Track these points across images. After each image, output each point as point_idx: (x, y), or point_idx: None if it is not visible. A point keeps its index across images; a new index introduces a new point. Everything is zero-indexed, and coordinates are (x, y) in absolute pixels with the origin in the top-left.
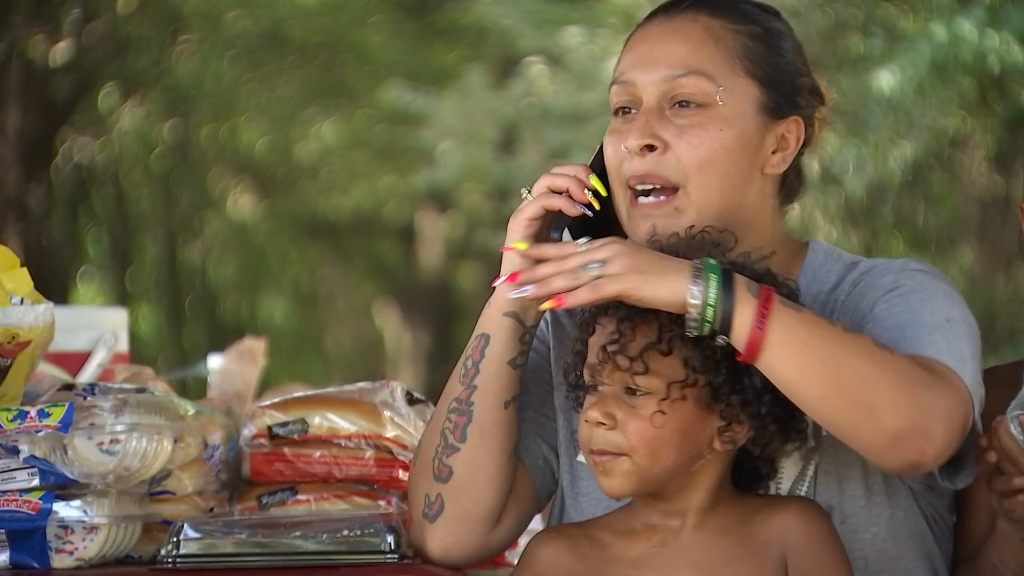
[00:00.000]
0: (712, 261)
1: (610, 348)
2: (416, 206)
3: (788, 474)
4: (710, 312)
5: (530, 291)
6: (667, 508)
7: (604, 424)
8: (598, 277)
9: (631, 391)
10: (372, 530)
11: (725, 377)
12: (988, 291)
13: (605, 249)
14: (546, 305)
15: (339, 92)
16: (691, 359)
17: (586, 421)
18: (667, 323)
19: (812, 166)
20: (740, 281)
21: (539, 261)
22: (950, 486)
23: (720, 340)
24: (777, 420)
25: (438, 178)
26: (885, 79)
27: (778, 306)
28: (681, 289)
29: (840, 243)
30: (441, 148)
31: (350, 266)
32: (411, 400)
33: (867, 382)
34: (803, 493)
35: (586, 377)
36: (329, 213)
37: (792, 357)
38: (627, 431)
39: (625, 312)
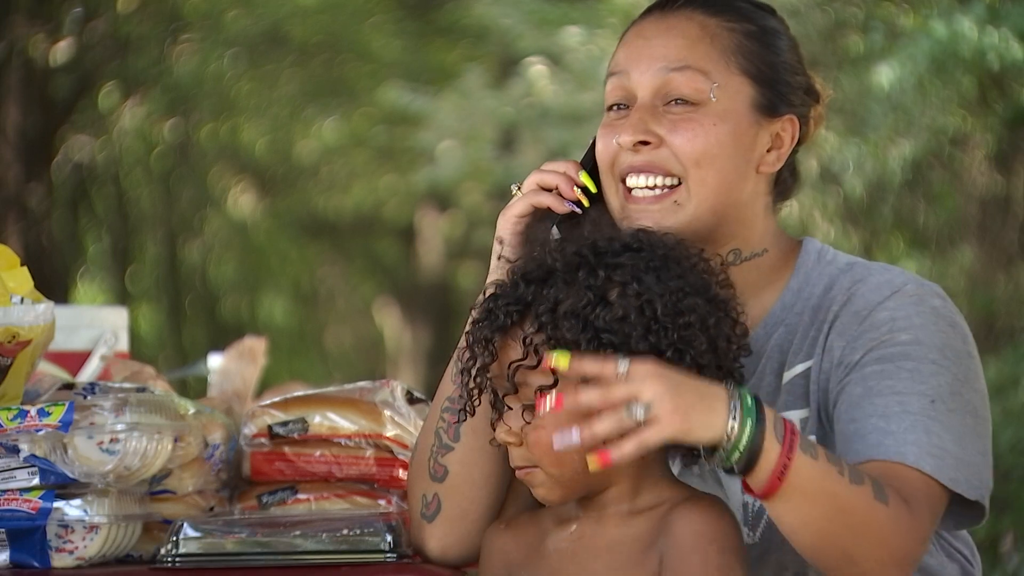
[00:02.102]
0: (747, 393)
1: (488, 374)
2: (416, 206)
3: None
4: (736, 456)
5: (576, 440)
6: (593, 502)
7: (511, 442)
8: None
9: (528, 406)
10: (372, 529)
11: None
12: (988, 291)
13: (649, 387)
14: (593, 466)
15: (339, 92)
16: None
17: (498, 443)
18: (529, 335)
19: (811, 165)
20: (769, 422)
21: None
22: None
23: (735, 474)
24: None
25: (438, 178)
26: (885, 76)
27: (799, 455)
28: (721, 427)
29: (840, 243)
30: (441, 148)
31: (350, 265)
32: (411, 399)
33: (859, 539)
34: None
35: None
36: (329, 213)
37: (799, 508)
38: (529, 444)
39: (487, 335)
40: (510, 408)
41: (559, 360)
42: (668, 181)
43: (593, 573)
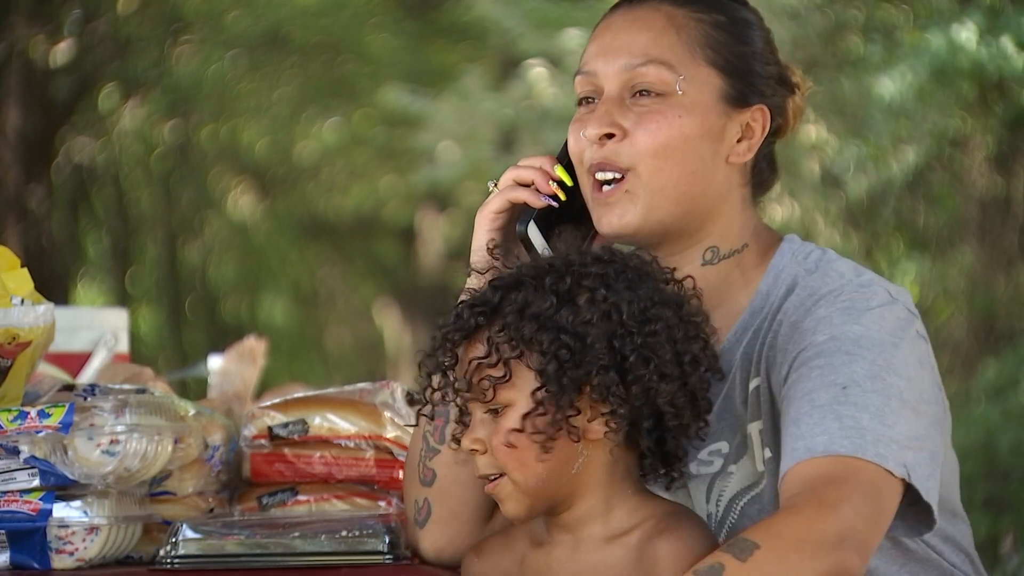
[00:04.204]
0: None
1: (450, 379)
2: (416, 207)
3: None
4: None
5: None
6: (563, 520)
7: (476, 449)
8: None
9: (492, 411)
10: (370, 531)
11: (562, 373)
12: (988, 291)
13: None
14: None
15: (339, 92)
16: (512, 357)
17: (464, 451)
18: (493, 334)
19: (812, 168)
20: None
21: None
22: (911, 535)
23: None
24: (648, 410)
25: (438, 179)
26: (885, 86)
27: None
28: None
29: (841, 245)
30: (440, 150)
31: (350, 266)
32: (411, 401)
33: None
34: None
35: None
36: (329, 213)
37: None
38: (493, 449)
39: (452, 337)
40: (474, 415)
41: None
42: (618, 175)
43: None
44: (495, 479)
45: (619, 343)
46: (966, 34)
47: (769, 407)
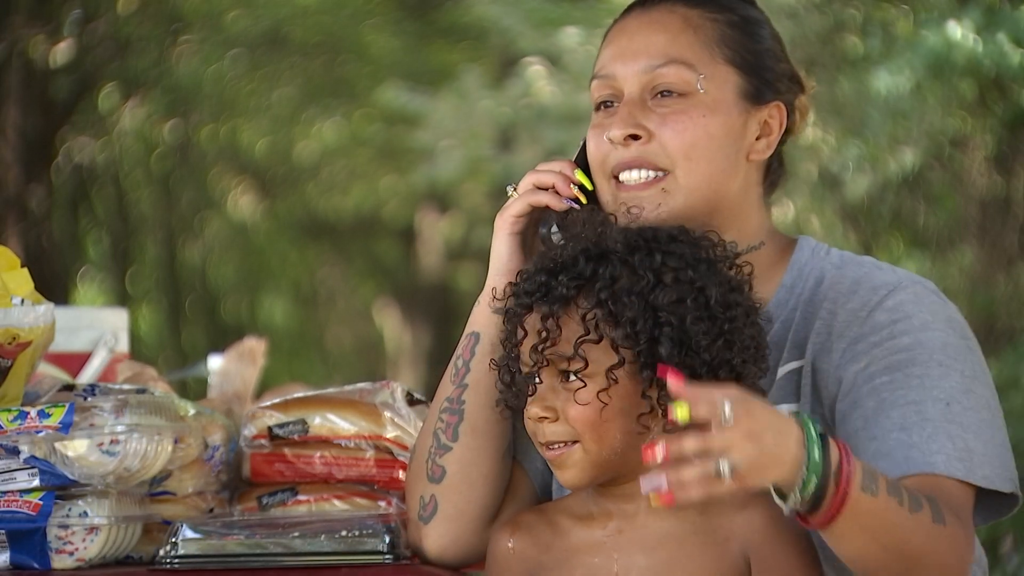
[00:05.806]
0: (814, 431)
1: (542, 347)
2: (416, 207)
3: None
4: (794, 503)
5: (664, 487)
6: (621, 491)
7: (547, 417)
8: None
9: (564, 376)
10: (370, 531)
11: (653, 350)
12: (988, 291)
13: (741, 442)
14: (655, 503)
15: (339, 92)
16: (619, 340)
17: (529, 418)
18: (588, 310)
19: (810, 167)
20: (832, 467)
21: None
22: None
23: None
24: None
25: (438, 178)
26: (883, 80)
27: (855, 493)
28: (791, 479)
29: (839, 244)
30: (440, 149)
31: (350, 266)
32: (411, 401)
33: (919, 564)
34: None
35: (523, 372)
36: (329, 213)
37: (855, 541)
38: (569, 419)
39: (548, 309)
40: (543, 382)
41: (681, 413)
42: (658, 174)
43: (652, 567)
44: (561, 447)
45: (706, 326)
46: (962, 30)
47: (811, 390)
